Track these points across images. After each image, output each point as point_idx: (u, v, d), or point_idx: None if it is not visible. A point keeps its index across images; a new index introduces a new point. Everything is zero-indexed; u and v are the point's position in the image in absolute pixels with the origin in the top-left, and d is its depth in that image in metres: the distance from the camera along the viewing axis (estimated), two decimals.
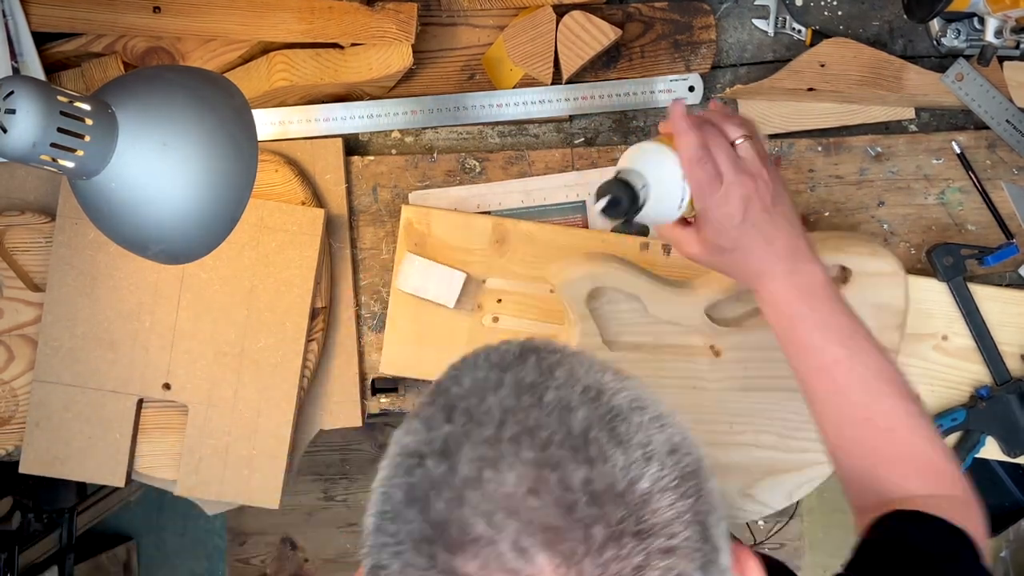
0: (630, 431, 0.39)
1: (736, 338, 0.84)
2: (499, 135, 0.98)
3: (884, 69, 0.93)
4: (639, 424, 0.40)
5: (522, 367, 0.42)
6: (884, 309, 0.84)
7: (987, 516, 0.66)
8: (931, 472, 0.65)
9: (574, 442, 0.38)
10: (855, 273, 0.83)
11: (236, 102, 0.71)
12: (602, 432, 0.39)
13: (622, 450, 0.38)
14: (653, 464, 0.38)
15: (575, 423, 0.39)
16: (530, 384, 0.41)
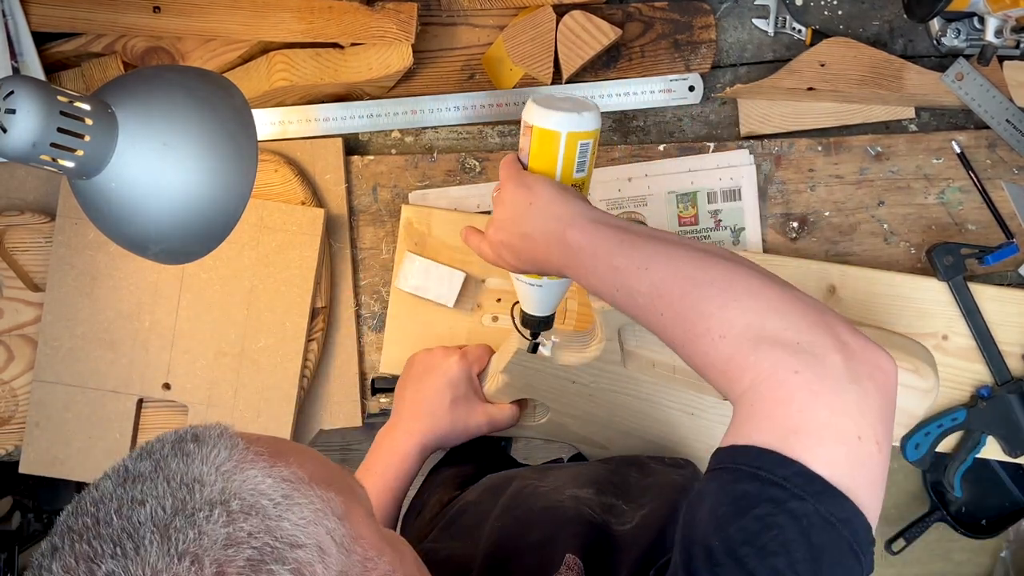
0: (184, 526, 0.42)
1: None
2: (499, 135, 0.98)
3: (884, 69, 0.93)
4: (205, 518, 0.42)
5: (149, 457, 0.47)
6: (901, 412, 0.83)
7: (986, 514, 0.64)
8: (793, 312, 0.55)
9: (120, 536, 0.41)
10: None
11: (236, 102, 0.71)
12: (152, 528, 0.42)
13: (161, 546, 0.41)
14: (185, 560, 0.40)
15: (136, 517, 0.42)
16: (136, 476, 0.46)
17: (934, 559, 1.85)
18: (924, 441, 0.94)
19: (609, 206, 0.95)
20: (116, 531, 0.42)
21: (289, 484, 0.46)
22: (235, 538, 0.42)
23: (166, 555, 0.41)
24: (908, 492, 1.84)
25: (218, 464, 0.46)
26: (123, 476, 0.46)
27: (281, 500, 0.45)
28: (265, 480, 0.46)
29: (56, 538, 0.43)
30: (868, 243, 0.96)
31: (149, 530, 0.41)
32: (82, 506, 0.45)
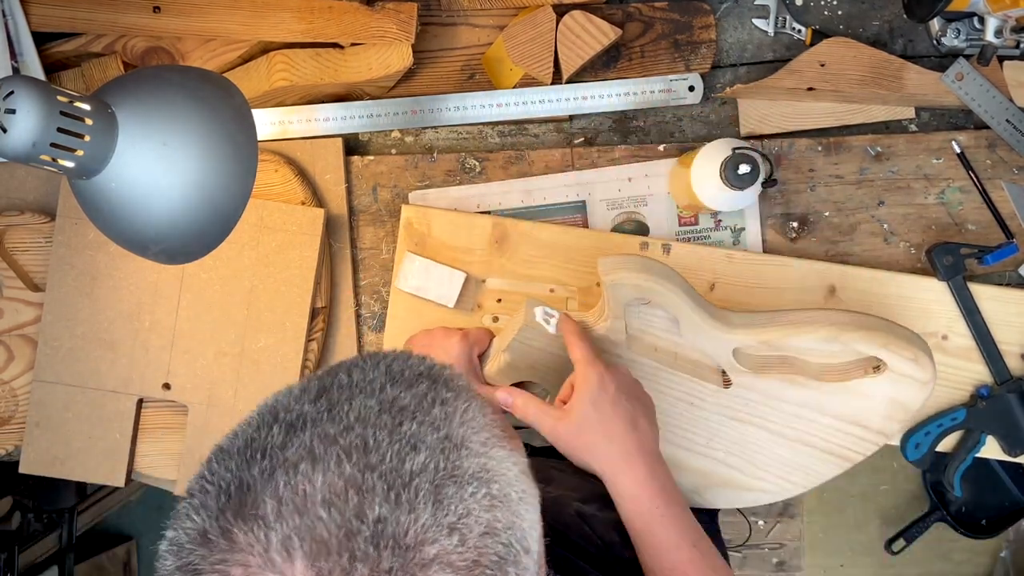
0: (455, 496, 0.39)
1: (750, 380, 0.84)
2: (499, 135, 0.98)
3: (884, 69, 0.93)
4: (471, 494, 0.39)
5: (408, 389, 0.43)
6: (898, 405, 0.83)
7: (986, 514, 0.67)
8: None
9: (395, 479, 0.38)
10: (891, 371, 0.81)
11: (236, 102, 0.71)
12: (427, 484, 0.38)
13: (433, 509, 0.38)
14: (454, 537, 0.38)
15: (410, 463, 0.39)
16: (401, 407, 0.41)
17: (934, 559, 1.85)
18: (924, 441, 0.94)
19: (609, 206, 0.95)
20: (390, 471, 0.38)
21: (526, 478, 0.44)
22: (493, 527, 0.39)
23: (437, 524, 0.37)
24: (908, 492, 1.84)
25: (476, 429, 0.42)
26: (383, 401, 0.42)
27: (522, 495, 0.43)
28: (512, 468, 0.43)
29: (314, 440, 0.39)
30: (868, 243, 0.96)
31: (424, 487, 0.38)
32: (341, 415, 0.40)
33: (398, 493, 0.37)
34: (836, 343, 0.80)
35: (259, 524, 0.37)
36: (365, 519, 0.37)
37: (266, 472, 0.38)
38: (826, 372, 0.83)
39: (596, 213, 0.95)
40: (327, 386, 0.42)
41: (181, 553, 0.38)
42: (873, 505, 1.85)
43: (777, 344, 0.82)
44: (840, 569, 1.86)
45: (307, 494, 0.37)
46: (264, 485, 0.38)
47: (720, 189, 0.84)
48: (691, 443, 0.87)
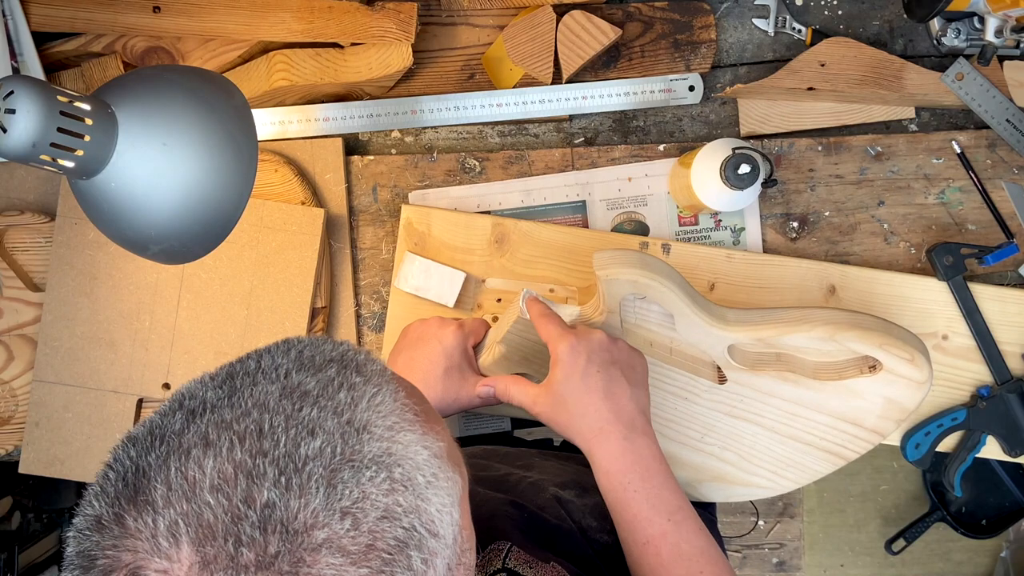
0: (351, 481, 0.39)
1: (746, 376, 0.83)
2: (499, 135, 0.98)
3: (884, 68, 0.93)
4: (368, 479, 0.39)
5: (315, 374, 0.43)
6: (894, 404, 0.83)
7: (986, 514, 0.66)
8: None
9: (287, 464, 0.38)
10: (885, 368, 0.81)
11: (236, 102, 0.71)
12: (321, 468, 0.38)
13: (325, 494, 0.38)
14: (347, 521, 0.38)
15: (305, 448, 0.39)
16: (303, 393, 0.41)
17: (934, 559, 1.85)
18: (924, 441, 0.94)
19: (609, 206, 0.95)
20: (283, 456, 0.38)
21: (437, 461, 0.43)
22: (392, 511, 0.39)
23: (328, 508, 0.38)
24: (908, 492, 1.84)
25: (383, 414, 0.42)
26: (286, 387, 0.42)
27: (431, 479, 0.42)
28: (421, 452, 0.43)
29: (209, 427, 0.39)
30: (868, 243, 0.96)
31: (318, 472, 0.38)
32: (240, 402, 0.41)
33: (289, 478, 0.38)
34: (831, 342, 0.80)
35: (148, 510, 0.37)
36: (253, 504, 0.37)
37: (161, 458, 0.39)
38: (821, 371, 0.83)
39: (596, 213, 0.95)
40: (235, 372, 0.43)
41: (79, 539, 0.38)
42: (873, 505, 1.85)
43: (772, 341, 0.82)
44: (840, 569, 1.86)
45: (196, 480, 0.37)
46: (157, 471, 0.38)
47: (720, 189, 0.84)
48: (685, 437, 0.87)
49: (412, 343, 0.84)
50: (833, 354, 0.82)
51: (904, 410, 0.83)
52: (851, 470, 1.84)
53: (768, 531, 1.81)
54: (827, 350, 0.81)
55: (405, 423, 0.43)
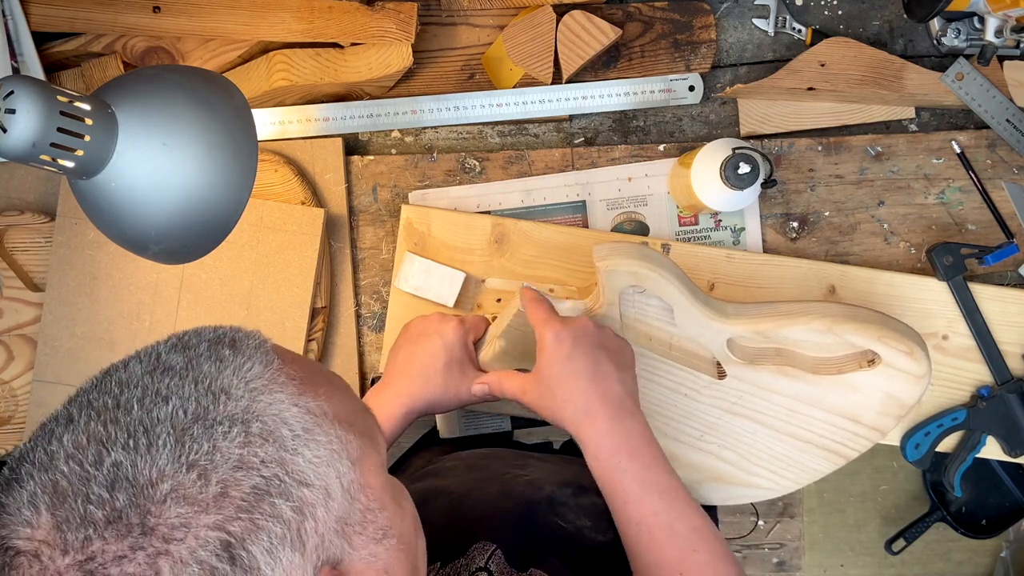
0: (201, 437, 0.41)
1: (745, 371, 0.83)
2: (499, 135, 0.98)
3: (884, 68, 0.93)
4: (223, 434, 0.41)
5: (183, 352, 0.45)
6: (893, 400, 0.82)
7: (986, 514, 0.66)
8: None
9: (136, 428, 0.41)
10: (885, 364, 0.81)
11: (236, 102, 0.71)
12: (169, 428, 0.41)
13: (173, 451, 0.40)
14: (192, 472, 0.40)
15: (156, 413, 0.41)
16: (167, 367, 0.44)
17: (934, 559, 1.85)
18: (924, 441, 0.94)
19: (609, 206, 0.95)
20: (134, 422, 0.41)
21: (312, 418, 0.45)
22: (247, 462, 0.41)
23: (175, 461, 0.40)
24: (908, 492, 1.84)
25: (248, 379, 0.45)
26: (153, 364, 0.45)
27: (301, 433, 0.44)
28: (291, 408, 0.45)
29: (74, 409, 0.43)
30: (868, 243, 0.96)
31: (166, 430, 0.41)
32: (106, 384, 0.44)
33: (137, 440, 0.40)
34: (830, 335, 0.80)
35: (16, 487, 0.41)
36: (101, 466, 0.40)
37: (31, 441, 0.42)
38: (820, 365, 0.82)
39: (596, 213, 0.95)
40: (115, 363, 0.46)
41: None
42: (873, 505, 1.84)
43: (771, 334, 0.81)
44: (840, 569, 1.86)
45: (53, 453, 0.41)
46: (28, 454, 0.42)
47: (720, 189, 0.84)
48: (685, 436, 0.87)
49: (413, 338, 0.84)
50: (832, 348, 0.82)
51: (903, 406, 0.83)
52: (851, 470, 1.84)
53: (768, 531, 1.81)
54: (826, 343, 0.81)
55: (276, 385, 0.45)
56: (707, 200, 0.87)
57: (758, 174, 0.82)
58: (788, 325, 0.81)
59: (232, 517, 0.40)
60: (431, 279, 0.92)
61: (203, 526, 0.39)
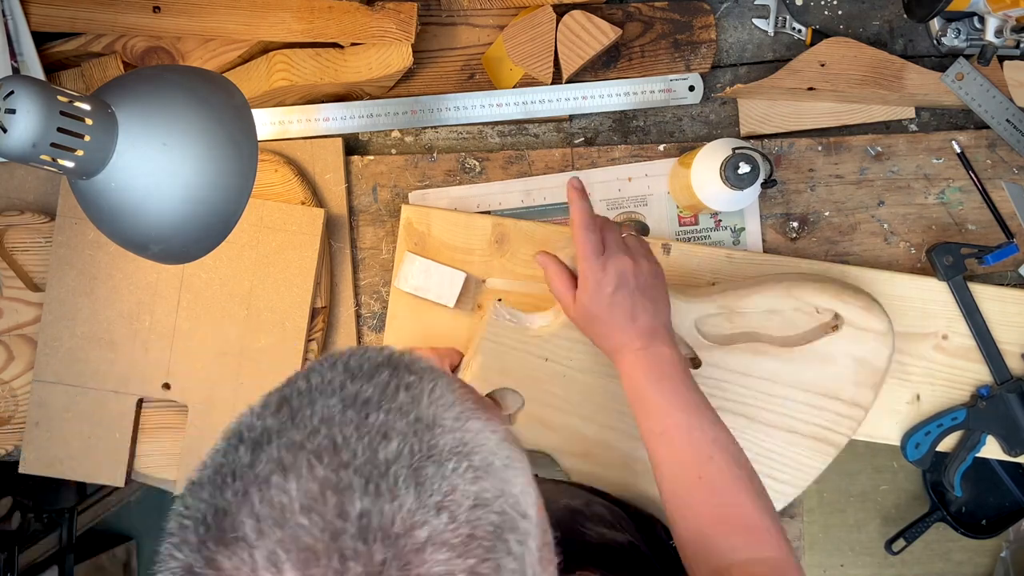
0: (437, 476, 0.38)
1: (718, 355, 0.86)
2: (499, 135, 0.98)
3: (884, 68, 0.93)
4: (452, 470, 0.39)
5: (369, 381, 0.42)
6: (865, 365, 0.85)
7: (986, 514, 0.67)
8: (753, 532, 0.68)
9: (371, 471, 0.37)
10: (846, 323, 0.84)
11: (236, 102, 0.71)
12: (404, 469, 0.38)
13: (416, 493, 0.37)
14: (443, 515, 0.37)
15: (383, 452, 0.38)
16: (364, 400, 0.41)
17: (934, 559, 1.85)
18: (924, 441, 0.94)
19: (609, 206, 0.95)
20: (364, 464, 0.37)
21: (508, 445, 0.43)
22: (482, 499, 0.39)
23: (423, 506, 0.37)
24: (908, 492, 1.84)
25: (446, 406, 0.42)
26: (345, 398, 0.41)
27: (507, 462, 0.42)
28: (491, 437, 0.42)
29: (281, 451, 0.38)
30: (868, 243, 0.96)
31: (403, 473, 0.37)
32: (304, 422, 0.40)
33: (377, 484, 0.37)
34: (790, 298, 0.84)
35: (241, 546, 0.36)
36: (348, 517, 0.36)
37: (239, 493, 0.38)
38: (789, 341, 0.85)
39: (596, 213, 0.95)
40: (287, 396, 0.42)
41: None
42: (873, 505, 1.85)
43: (735, 306, 0.85)
44: (840, 569, 1.86)
45: (284, 505, 0.37)
46: (240, 506, 0.37)
47: (720, 189, 0.84)
48: None
49: None
50: (797, 321, 0.85)
51: (876, 370, 0.85)
52: (851, 470, 1.84)
53: None
54: (791, 317, 0.85)
55: (468, 412, 0.43)
56: (707, 200, 0.87)
57: (758, 174, 0.82)
58: (748, 295, 0.85)
59: (482, 559, 0.37)
60: (431, 279, 0.92)
61: (460, 571, 0.36)
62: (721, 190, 0.84)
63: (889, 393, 0.93)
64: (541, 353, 0.86)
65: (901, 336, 0.93)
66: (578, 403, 0.88)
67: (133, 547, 1.92)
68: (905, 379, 0.94)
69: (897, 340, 0.93)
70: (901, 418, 0.94)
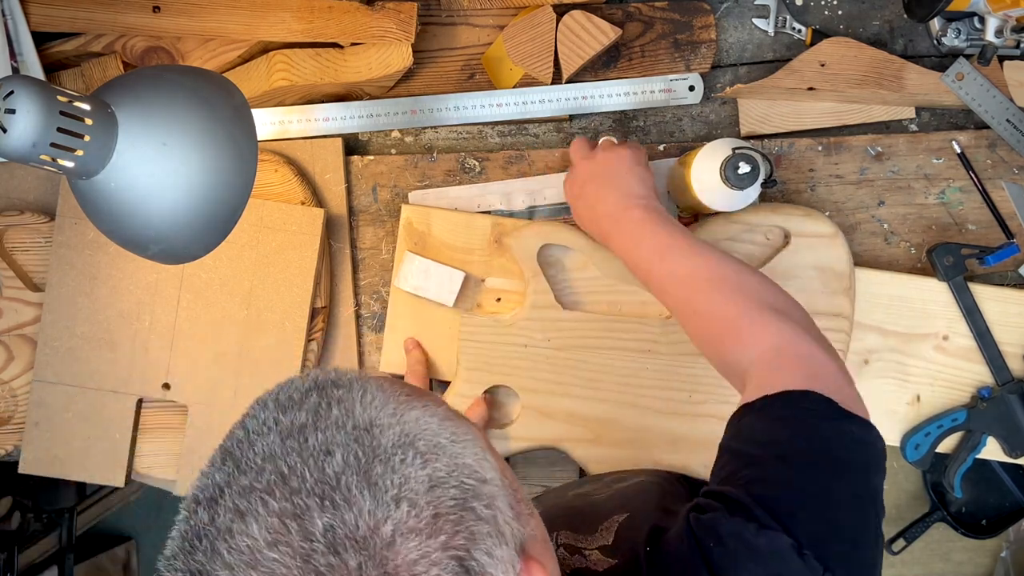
0: (386, 472, 0.40)
1: None
2: (499, 135, 0.98)
3: (884, 68, 0.93)
4: (400, 462, 0.41)
5: (299, 408, 0.44)
6: (827, 272, 0.89)
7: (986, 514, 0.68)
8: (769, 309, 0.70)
9: (323, 489, 0.39)
10: (794, 236, 0.88)
11: (236, 102, 0.71)
12: (354, 476, 0.39)
13: (371, 493, 0.39)
14: (403, 505, 0.39)
15: (330, 468, 0.40)
16: (300, 427, 0.42)
17: (934, 559, 1.85)
18: (924, 442, 0.94)
19: None
20: (314, 484, 0.39)
21: (450, 422, 0.45)
22: (437, 479, 0.41)
23: (381, 503, 0.39)
24: (908, 492, 1.84)
25: (379, 406, 0.44)
26: (282, 432, 0.43)
27: (454, 438, 0.44)
28: (431, 421, 0.44)
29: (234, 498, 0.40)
30: (868, 243, 0.96)
31: (353, 479, 0.39)
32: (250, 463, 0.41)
33: (332, 498, 0.39)
34: (731, 224, 0.88)
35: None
36: (314, 537, 0.38)
37: (208, 551, 0.39)
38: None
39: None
40: (229, 448, 0.43)
41: None
42: None
43: None
44: None
45: (251, 547, 0.38)
46: (211, 562, 0.39)
47: (720, 189, 0.84)
48: (675, 404, 0.89)
49: None
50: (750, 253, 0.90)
51: (840, 275, 0.89)
52: None
53: None
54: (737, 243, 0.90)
55: (404, 404, 0.45)
56: (707, 200, 0.87)
57: (758, 174, 0.82)
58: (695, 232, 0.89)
59: (452, 533, 0.40)
60: (431, 279, 0.92)
61: (435, 551, 0.39)
62: (721, 190, 0.84)
63: (889, 393, 0.93)
64: (518, 340, 0.87)
65: (901, 336, 0.93)
66: (569, 382, 0.89)
67: (133, 547, 1.92)
68: (905, 379, 0.93)
69: (897, 340, 0.93)
70: (901, 418, 0.94)
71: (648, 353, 0.88)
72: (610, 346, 0.89)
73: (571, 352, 0.88)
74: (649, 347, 0.88)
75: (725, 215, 0.88)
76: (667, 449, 0.90)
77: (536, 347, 0.88)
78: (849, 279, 0.89)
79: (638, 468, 0.88)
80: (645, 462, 0.90)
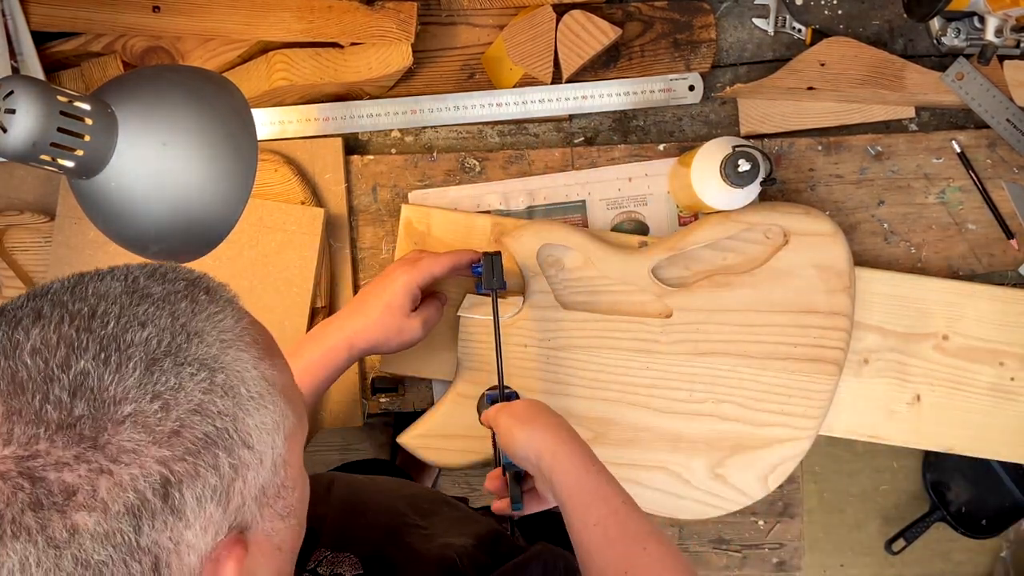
0: (170, 371, 0.41)
1: (684, 298, 0.89)
2: (499, 135, 0.98)
3: (884, 68, 0.93)
4: (189, 375, 0.42)
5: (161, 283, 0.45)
6: (828, 271, 0.89)
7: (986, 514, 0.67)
8: None
9: (110, 344, 0.41)
10: (794, 234, 0.88)
11: (236, 101, 0.71)
12: (142, 354, 0.41)
13: (141, 377, 0.40)
14: (156, 403, 0.40)
15: (132, 335, 0.41)
16: (146, 294, 0.44)
17: (934, 559, 1.85)
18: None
19: (609, 206, 0.95)
20: (108, 336, 0.41)
21: (266, 384, 0.46)
22: (205, 408, 0.42)
23: (141, 388, 0.40)
24: (908, 492, 1.84)
25: (220, 329, 0.45)
26: (132, 286, 0.44)
27: (256, 396, 0.45)
28: (251, 370, 0.45)
29: (44, 304, 0.42)
30: (868, 243, 0.96)
31: (139, 355, 0.41)
32: (81, 291, 0.43)
33: (108, 355, 0.40)
34: (731, 223, 0.88)
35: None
36: (67, 370, 0.39)
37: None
38: (746, 267, 0.89)
39: (596, 213, 0.95)
40: (86, 272, 0.45)
41: None
42: (873, 505, 1.84)
43: (683, 245, 0.88)
44: (840, 569, 1.86)
45: (18, 343, 0.40)
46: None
47: (720, 187, 0.84)
48: (675, 403, 0.89)
49: (376, 278, 0.87)
50: (749, 252, 0.89)
51: (840, 273, 0.89)
52: (851, 470, 1.83)
53: (768, 531, 1.81)
54: (736, 243, 0.89)
55: (241, 343, 0.46)
56: (707, 199, 0.87)
57: (758, 172, 0.82)
58: (691, 232, 0.89)
59: (179, 457, 0.40)
60: None
61: (151, 458, 0.39)
62: (721, 188, 0.84)
63: (889, 393, 0.93)
64: (518, 340, 0.87)
65: (901, 336, 0.93)
66: (569, 382, 0.89)
67: None
68: (905, 379, 0.93)
69: (897, 340, 0.93)
70: (901, 418, 0.94)
71: (648, 353, 0.88)
72: (610, 346, 0.89)
73: (571, 352, 0.89)
74: (648, 346, 0.88)
75: (725, 213, 0.88)
76: (667, 449, 0.90)
77: (536, 347, 0.88)
78: (849, 278, 0.89)
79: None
80: (645, 462, 0.90)
